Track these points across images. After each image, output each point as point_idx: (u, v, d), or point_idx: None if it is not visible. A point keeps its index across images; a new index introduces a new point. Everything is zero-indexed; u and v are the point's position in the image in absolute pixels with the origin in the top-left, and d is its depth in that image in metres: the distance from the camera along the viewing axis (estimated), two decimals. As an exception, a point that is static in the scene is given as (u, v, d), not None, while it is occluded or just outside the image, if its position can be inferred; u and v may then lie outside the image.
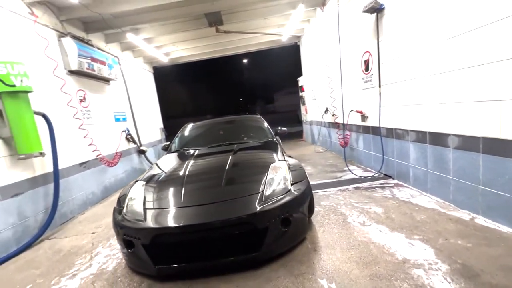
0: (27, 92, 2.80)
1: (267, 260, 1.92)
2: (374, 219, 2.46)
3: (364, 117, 4.16)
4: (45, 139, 3.11)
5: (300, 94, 8.04)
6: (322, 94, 6.02)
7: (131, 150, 5.53)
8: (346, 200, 3.01)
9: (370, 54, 3.74)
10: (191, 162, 2.69)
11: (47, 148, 3.09)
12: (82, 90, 4.19)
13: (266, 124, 3.71)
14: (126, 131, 5.36)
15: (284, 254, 2.01)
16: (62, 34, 3.83)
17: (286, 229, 1.97)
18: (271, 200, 1.94)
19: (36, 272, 2.25)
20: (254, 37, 6.83)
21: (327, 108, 5.73)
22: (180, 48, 6.73)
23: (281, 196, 1.99)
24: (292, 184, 2.15)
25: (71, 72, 3.93)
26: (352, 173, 3.94)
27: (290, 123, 12.36)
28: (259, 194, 1.97)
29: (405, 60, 3.00)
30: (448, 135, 2.47)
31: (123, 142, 5.17)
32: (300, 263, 1.90)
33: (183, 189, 2.10)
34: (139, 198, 2.11)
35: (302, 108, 8.14)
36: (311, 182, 3.53)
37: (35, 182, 3.04)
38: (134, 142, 5.63)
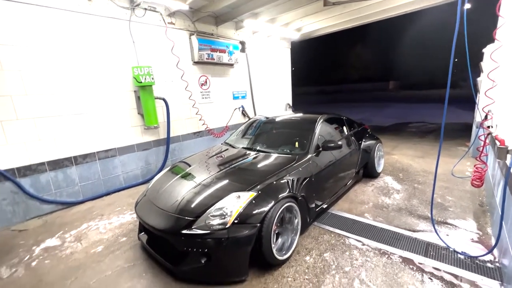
0: (150, 85, 4.20)
1: (182, 279, 2.07)
2: (338, 319, 1.69)
3: (505, 152, 2.24)
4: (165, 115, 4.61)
5: (480, 76, 5.07)
6: (486, 85, 3.59)
7: (245, 124, 6.50)
8: (358, 269, 2.13)
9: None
10: (204, 159, 3.05)
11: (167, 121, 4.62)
12: (204, 75, 5.39)
13: (314, 132, 3.05)
14: (241, 108, 6.31)
15: (205, 283, 2.03)
16: (192, 33, 5.00)
17: (205, 263, 1.95)
18: (198, 231, 1.95)
19: (131, 200, 3.79)
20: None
21: (488, 112, 3.43)
22: (308, 22, 6.31)
23: (210, 231, 1.93)
24: (235, 223, 1.96)
25: (195, 63, 5.14)
26: (438, 235, 2.45)
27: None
28: (192, 220, 2.02)
29: None
30: None
31: (235, 117, 6.19)
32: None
33: (165, 186, 2.57)
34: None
35: (476, 98, 5.18)
36: (367, 220, 2.73)
37: (158, 143, 4.70)
38: (249, 117, 6.52)
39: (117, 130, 4.12)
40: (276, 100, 7.57)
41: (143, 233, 2.56)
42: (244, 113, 6.42)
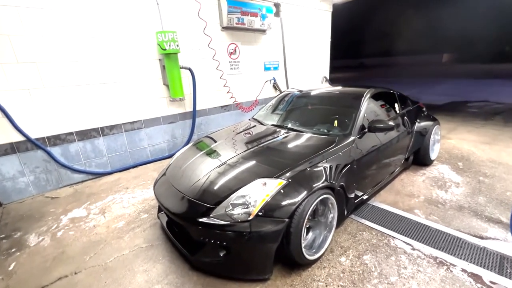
0: (175, 53, 3.88)
1: (199, 269, 1.87)
2: None
3: None
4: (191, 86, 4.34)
5: None
6: None
7: (276, 98, 6.01)
8: (408, 280, 1.73)
9: None
10: (226, 137, 2.74)
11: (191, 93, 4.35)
12: (233, 43, 4.92)
13: (359, 110, 2.53)
14: (273, 80, 5.78)
15: (221, 277, 1.81)
16: (221, -7, 4.47)
17: (224, 256, 1.71)
18: (217, 221, 1.68)
19: (156, 174, 3.71)
20: None
21: None
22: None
23: (230, 222, 1.65)
24: (259, 215, 1.65)
25: (224, 28, 4.67)
26: (517, 246, 1.92)
27: None
28: (210, 207, 1.76)
29: None
30: None
31: (265, 90, 5.71)
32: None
33: (185, 165, 2.33)
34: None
35: None
36: (417, 218, 2.30)
37: (184, 116, 4.49)
38: (281, 91, 5.99)
39: (143, 102, 3.96)
40: (311, 73, 6.87)
41: (162, 212, 2.41)
42: (275, 86, 5.91)
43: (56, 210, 2.90)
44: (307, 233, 1.96)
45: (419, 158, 3.42)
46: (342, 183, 2.08)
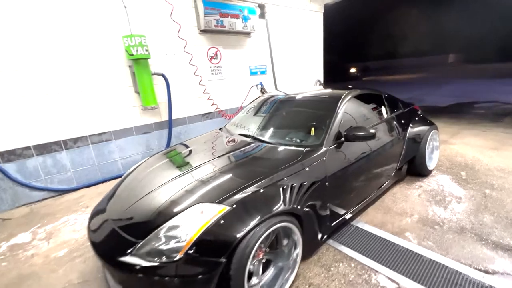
0: (145, 58, 3.60)
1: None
2: None
3: None
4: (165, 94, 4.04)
5: None
6: None
7: (265, 104, 5.66)
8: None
9: None
10: (187, 149, 2.42)
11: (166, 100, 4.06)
12: (214, 47, 4.63)
13: (335, 114, 2.16)
14: (260, 85, 5.46)
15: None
16: (197, -6, 4.21)
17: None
18: (138, 261, 1.32)
19: (122, 191, 3.39)
20: None
21: None
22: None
23: (153, 263, 1.29)
24: (189, 254, 1.28)
25: (202, 31, 4.39)
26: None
27: None
28: (134, 242, 1.40)
29: None
30: None
31: (252, 96, 5.37)
32: None
33: (130, 182, 2.00)
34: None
35: None
36: (408, 243, 1.99)
37: (160, 125, 4.18)
38: (269, 96, 5.65)
39: (112, 111, 3.67)
40: (303, 76, 6.52)
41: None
42: (263, 91, 5.57)
43: (1, 234, 2.59)
44: (264, 270, 1.58)
45: (415, 168, 2.99)
46: (312, 204, 1.72)
